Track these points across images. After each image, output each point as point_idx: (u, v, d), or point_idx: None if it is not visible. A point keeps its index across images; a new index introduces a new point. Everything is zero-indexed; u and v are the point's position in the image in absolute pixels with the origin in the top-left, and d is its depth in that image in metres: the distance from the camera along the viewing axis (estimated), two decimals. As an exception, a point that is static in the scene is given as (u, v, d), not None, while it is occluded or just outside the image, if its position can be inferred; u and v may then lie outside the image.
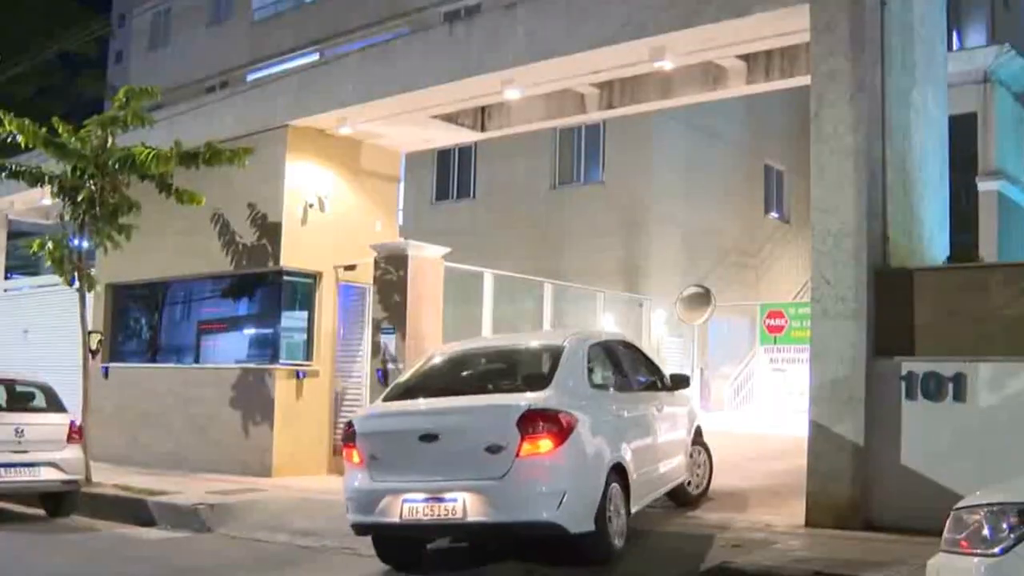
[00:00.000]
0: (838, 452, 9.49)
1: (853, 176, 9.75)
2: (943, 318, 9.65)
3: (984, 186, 22.85)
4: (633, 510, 8.83)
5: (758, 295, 24.21)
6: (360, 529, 8.52)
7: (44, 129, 13.87)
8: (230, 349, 16.13)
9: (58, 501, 12.21)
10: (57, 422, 12.11)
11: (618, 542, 8.37)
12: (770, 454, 14.72)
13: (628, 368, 10.16)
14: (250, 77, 28.84)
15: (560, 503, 7.79)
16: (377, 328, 14.46)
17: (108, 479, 13.21)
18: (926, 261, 10.77)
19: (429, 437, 8.06)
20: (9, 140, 13.99)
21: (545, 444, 7.83)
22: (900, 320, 9.71)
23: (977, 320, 9.45)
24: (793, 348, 20.34)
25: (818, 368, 9.80)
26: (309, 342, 15.27)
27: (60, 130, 13.91)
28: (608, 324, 18.31)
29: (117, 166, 13.63)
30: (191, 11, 34.42)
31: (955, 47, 29.69)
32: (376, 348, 14.44)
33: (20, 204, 21.34)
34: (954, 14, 29.71)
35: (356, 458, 8.42)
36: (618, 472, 8.54)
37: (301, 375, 15.01)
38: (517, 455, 7.78)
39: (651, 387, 10.46)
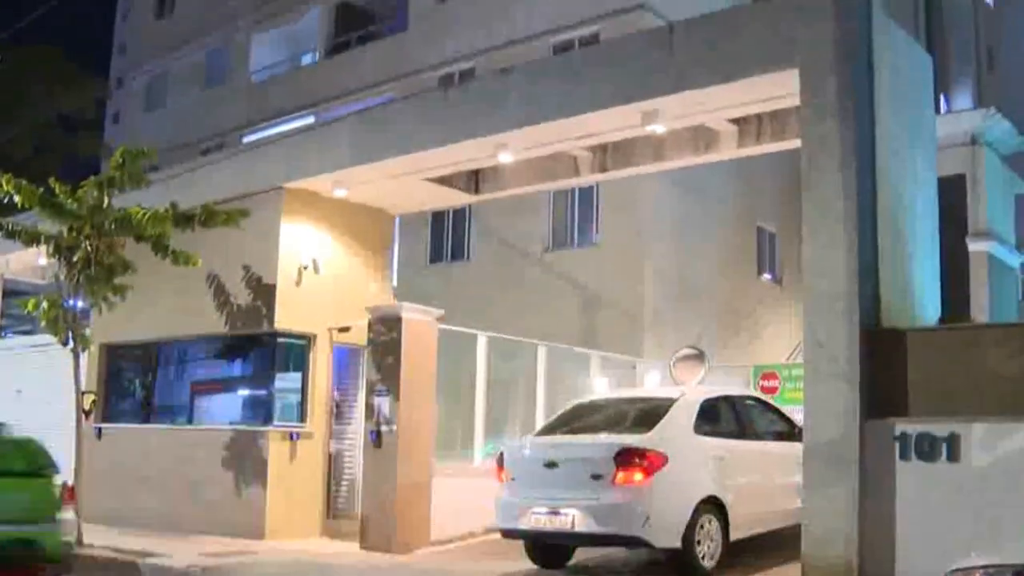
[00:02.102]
0: (832, 514, 9.47)
1: (844, 238, 9.83)
2: (936, 378, 9.67)
3: (974, 247, 23.00)
4: (732, 538, 10.66)
5: (751, 356, 24.19)
6: (504, 533, 11.19)
7: (41, 189, 13.96)
8: (224, 410, 16.09)
9: (50, 563, 12.07)
10: (50, 484, 12.01)
11: (708, 563, 10.33)
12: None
13: (747, 419, 11.90)
14: (246, 139, 29.09)
15: (646, 522, 9.96)
16: (371, 390, 14.44)
17: (100, 540, 13.12)
18: (918, 322, 10.82)
19: (551, 464, 10.64)
20: (6, 200, 14.07)
21: (636, 475, 10.08)
22: (893, 381, 9.73)
23: (970, 380, 9.47)
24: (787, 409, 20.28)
25: (811, 429, 9.81)
26: (303, 404, 15.24)
27: (57, 190, 14.00)
28: (602, 386, 18.29)
29: (113, 226, 13.72)
30: (188, 73, 34.75)
31: (943, 110, 30.08)
32: (370, 410, 14.40)
33: (16, 264, 21.36)
34: (941, 78, 30.11)
35: (503, 478, 11.18)
36: (713, 504, 10.48)
37: (295, 437, 14.96)
38: (613, 482, 10.10)
39: (776, 436, 11.92)
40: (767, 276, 26.43)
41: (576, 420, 11.73)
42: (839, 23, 10.31)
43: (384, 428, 13.99)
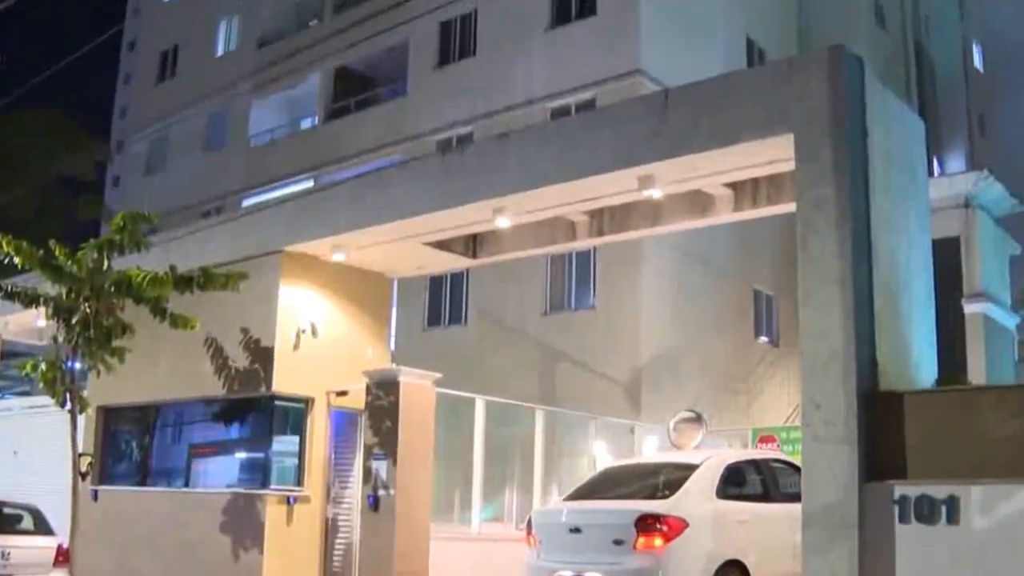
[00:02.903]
0: (833, 578, 9.41)
1: (840, 301, 9.88)
2: (934, 441, 9.66)
3: (970, 308, 23.09)
4: None
5: (749, 419, 24.17)
6: None
7: (41, 251, 14.02)
8: (221, 473, 16.02)
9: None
10: (44, 545, 12.02)
11: None
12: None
13: (772, 482, 11.95)
14: (245, 202, 29.29)
15: None
16: (369, 454, 14.40)
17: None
18: (915, 384, 10.83)
19: (576, 530, 10.88)
20: (6, 261, 14.12)
21: (656, 541, 10.24)
22: (891, 443, 9.72)
23: (969, 442, 9.46)
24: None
25: (810, 493, 9.78)
26: (300, 467, 15.18)
27: (57, 252, 14.05)
28: (600, 450, 18.25)
29: (112, 289, 13.75)
30: (188, 137, 35.05)
31: (936, 173, 30.40)
32: (368, 474, 14.36)
33: (14, 325, 21.37)
34: (934, 141, 30.55)
35: (531, 542, 11.35)
36: (736, 567, 10.60)
37: (292, 501, 14.88)
38: (634, 548, 10.26)
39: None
40: (764, 339, 26.47)
41: (603, 485, 12.00)
42: (833, 89, 10.44)
43: (382, 492, 13.94)
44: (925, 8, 35.42)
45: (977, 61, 40.18)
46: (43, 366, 13.82)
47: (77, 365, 13.92)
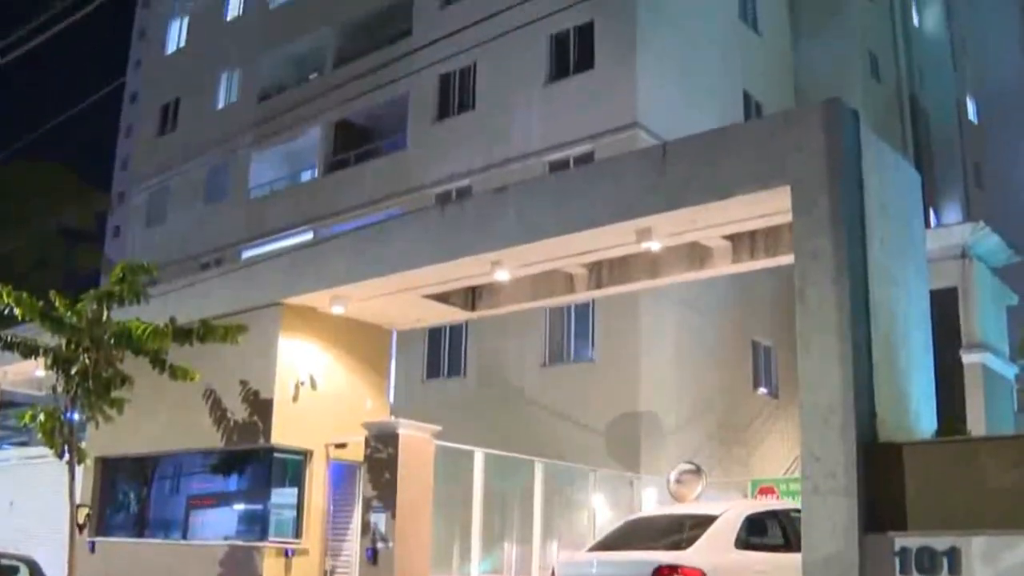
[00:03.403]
0: (834, 631, 9.36)
1: (839, 352, 9.92)
2: (935, 492, 9.65)
3: (968, 359, 23.08)
4: None
5: (749, 470, 24.09)
6: None
7: (41, 302, 14.07)
8: (219, 525, 15.96)
9: None
10: (40, 598, 11.89)
11: None
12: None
13: (793, 532, 11.53)
14: (245, 254, 29.35)
15: None
16: (367, 506, 14.35)
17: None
18: (914, 435, 10.83)
19: None
20: (6, 312, 14.16)
21: None
22: (891, 495, 9.71)
23: (969, 493, 9.46)
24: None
25: (810, 544, 9.75)
26: (299, 519, 15.12)
27: (57, 303, 14.10)
28: (599, 502, 18.18)
29: (112, 340, 13.78)
30: (189, 189, 35.20)
31: (933, 224, 30.54)
32: (366, 527, 14.30)
33: (13, 375, 21.37)
34: (930, 193, 30.71)
35: None
36: None
37: (290, 553, 14.80)
38: None
39: None
40: (763, 390, 26.43)
41: (626, 536, 12.08)
42: (829, 142, 10.56)
43: (380, 545, 13.88)
44: (919, 61, 35.80)
45: (971, 113, 40.57)
46: (42, 416, 13.83)
47: (76, 416, 13.93)
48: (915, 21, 36.74)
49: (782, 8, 30.68)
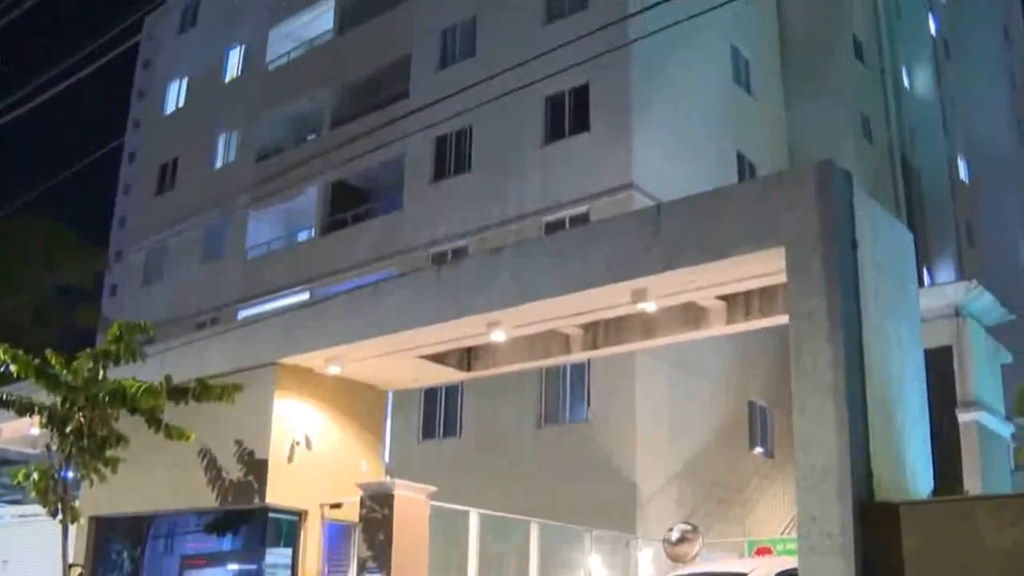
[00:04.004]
0: None
1: (834, 412, 9.94)
2: (932, 552, 9.62)
3: (964, 417, 23.06)
4: None
5: (745, 530, 23.97)
6: None
7: (37, 360, 14.09)
8: (213, 586, 15.82)
9: None
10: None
11: None
12: None
13: None
14: (241, 313, 29.42)
15: None
16: (362, 567, 14.24)
17: None
18: (911, 494, 10.82)
19: None
20: (2, 369, 14.17)
21: None
22: (889, 555, 9.68)
23: (967, 553, 9.43)
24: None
25: (809, 606, 9.70)
26: (293, 581, 15.01)
27: (53, 361, 14.12)
28: (595, 564, 18.05)
29: (107, 399, 13.78)
30: (186, 248, 35.33)
31: (926, 283, 30.68)
32: (361, 587, 14.19)
33: (7, 432, 21.26)
34: (923, 252, 30.91)
35: None
36: None
37: (284, 615, 14.68)
38: None
39: None
40: (759, 450, 26.38)
41: None
42: (822, 202, 10.66)
43: (375, 606, 13.75)
44: (910, 122, 36.19)
45: (963, 172, 40.92)
46: (35, 475, 13.80)
47: (70, 474, 13.89)
48: (906, 83, 37.21)
49: (775, 71, 31.09)
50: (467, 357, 16.16)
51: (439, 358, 15.70)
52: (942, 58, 40.58)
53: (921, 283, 26.08)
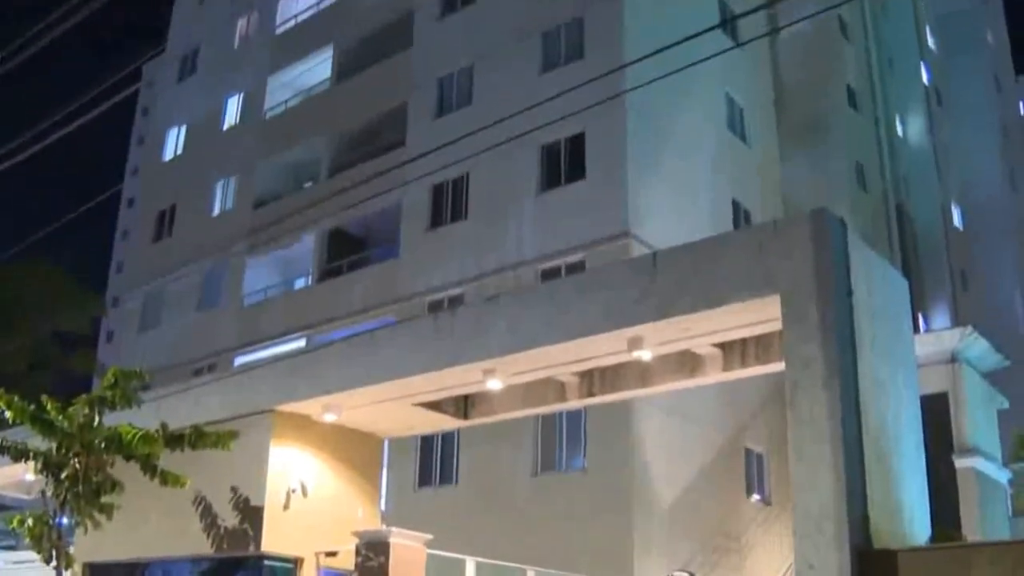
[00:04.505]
0: None
1: (831, 458, 9.95)
2: (930, 601, 9.62)
3: (961, 463, 23.01)
4: None
5: (744, 578, 23.84)
6: None
7: (32, 405, 14.09)
8: (207, 635, 15.67)
9: None
10: None
11: None
12: None
13: None
14: (238, 360, 29.36)
15: None
16: (358, 615, 14.17)
17: None
18: (909, 541, 10.81)
19: None
20: None
21: None
22: (887, 604, 9.67)
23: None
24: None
25: (807, 655, 9.66)
26: (289, 628, 14.89)
27: (48, 407, 14.12)
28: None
29: (103, 445, 13.78)
30: (183, 294, 35.32)
31: (922, 329, 30.74)
32: (357, 637, 14.09)
33: (2, 478, 21.22)
34: (918, 298, 30.99)
35: None
36: None
37: (279, 665, 14.55)
38: None
39: None
40: (756, 497, 26.27)
41: None
42: (817, 250, 10.75)
43: (371, 657, 13.65)
44: (904, 170, 36.45)
45: (956, 219, 41.15)
46: (30, 521, 13.77)
47: (65, 520, 13.84)
48: (899, 131, 37.52)
49: (770, 119, 31.33)
50: (463, 405, 16.17)
51: (435, 406, 15.71)
52: (935, 107, 40.95)
53: (916, 329, 26.15)
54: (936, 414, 20.95)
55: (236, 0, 37.88)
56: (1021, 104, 52.67)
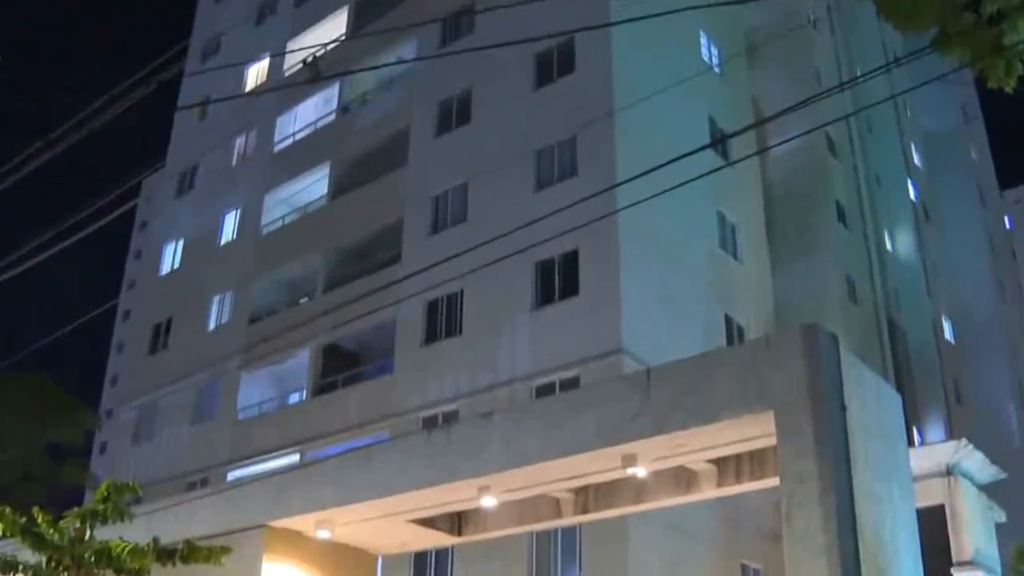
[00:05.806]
0: None
1: (827, 574, 9.91)
2: None
3: (960, 576, 22.79)
4: None
5: None
6: None
7: (23, 518, 13.99)
8: None
9: None
10: None
11: None
12: None
13: None
14: (231, 475, 29.13)
15: None
16: None
17: None
18: (908, 662, 10.72)
19: None
20: None
21: None
22: None
23: None
24: None
25: None
26: None
27: (39, 520, 14.03)
28: None
29: (93, 559, 13.66)
30: (177, 408, 35.19)
31: (916, 442, 30.65)
32: None
33: (-9, 591, 20.87)
34: (912, 411, 30.99)
35: None
36: None
37: None
38: None
39: None
40: (754, 613, 25.89)
41: None
42: (810, 366, 10.87)
43: None
44: (895, 284, 36.79)
45: (947, 332, 41.39)
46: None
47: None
48: (888, 246, 37.99)
49: (761, 236, 31.72)
50: (458, 521, 16.08)
51: (429, 522, 15.62)
52: (922, 222, 41.57)
53: (911, 442, 26.07)
54: (933, 527, 20.79)
55: (236, 118, 38.54)
56: (1007, 218, 53.48)
